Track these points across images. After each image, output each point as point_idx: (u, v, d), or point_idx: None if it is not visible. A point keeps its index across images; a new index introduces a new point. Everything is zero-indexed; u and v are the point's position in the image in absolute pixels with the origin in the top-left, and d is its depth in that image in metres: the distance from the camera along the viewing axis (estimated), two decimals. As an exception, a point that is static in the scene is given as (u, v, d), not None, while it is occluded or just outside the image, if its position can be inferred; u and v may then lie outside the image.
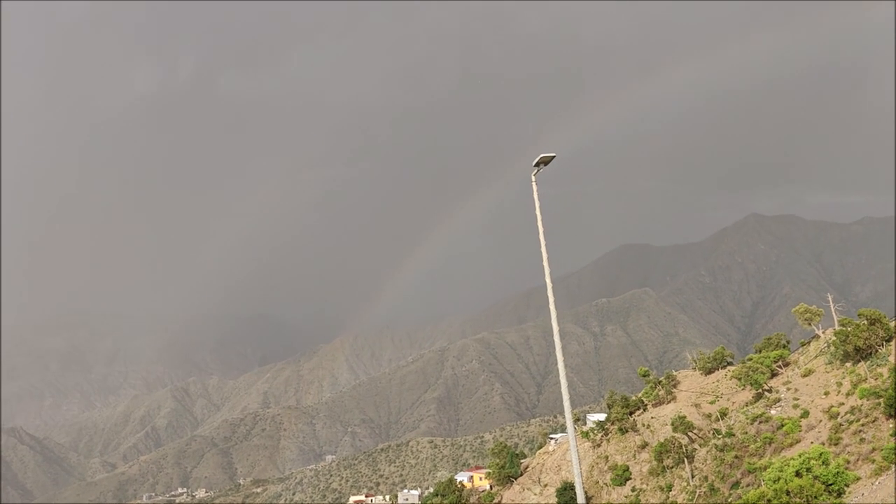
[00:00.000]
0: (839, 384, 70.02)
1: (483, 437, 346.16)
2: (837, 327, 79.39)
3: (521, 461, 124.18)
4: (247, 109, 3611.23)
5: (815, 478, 38.36)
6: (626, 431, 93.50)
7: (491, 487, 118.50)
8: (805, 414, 69.87)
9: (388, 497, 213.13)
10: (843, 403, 66.27)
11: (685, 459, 77.04)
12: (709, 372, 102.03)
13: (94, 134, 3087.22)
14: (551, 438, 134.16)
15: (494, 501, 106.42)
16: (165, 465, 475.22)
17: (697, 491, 72.00)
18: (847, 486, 39.91)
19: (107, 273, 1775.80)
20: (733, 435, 75.15)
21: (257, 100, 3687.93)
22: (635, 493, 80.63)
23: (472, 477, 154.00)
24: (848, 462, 55.26)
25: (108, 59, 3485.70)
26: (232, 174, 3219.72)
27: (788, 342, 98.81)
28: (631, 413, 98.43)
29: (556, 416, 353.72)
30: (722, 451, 73.74)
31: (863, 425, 59.45)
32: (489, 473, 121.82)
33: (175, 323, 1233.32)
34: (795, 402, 73.40)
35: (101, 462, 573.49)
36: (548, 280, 35.48)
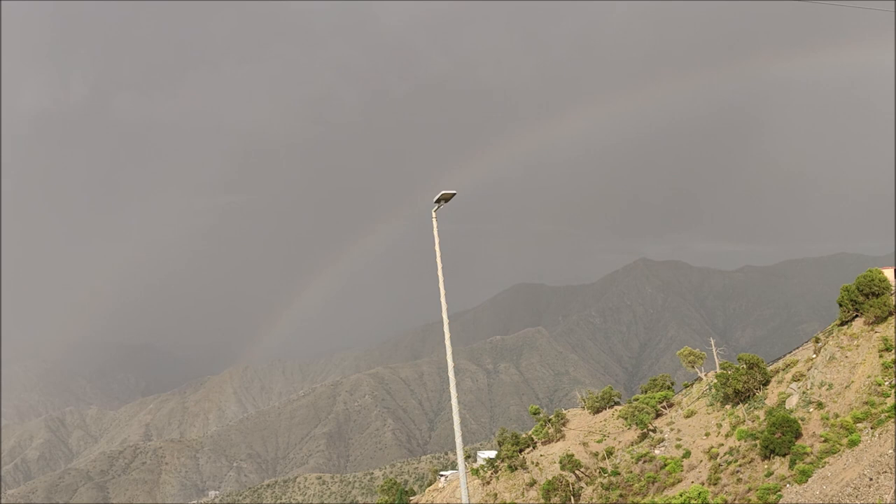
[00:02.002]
0: (719, 426, 72.63)
1: (373, 473, 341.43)
2: (719, 370, 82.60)
3: (410, 498, 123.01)
4: (141, 132, 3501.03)
5: (696, 517, 39.46)
6: (516, 469, 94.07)
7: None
8: (687, 454, 72.04)
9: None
10: (722, 444, 68.71)
11: (572, 497, 77.99)
12: (597, 411, 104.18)
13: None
14: (441, 475, 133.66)
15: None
16: (35, 500, 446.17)
17: (583, 529, 72.93)
18: (725, 525, 41.20)
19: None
20: (619, 473, 76.67)
21: (152, 122, 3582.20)
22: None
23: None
24: (726, 501, 57.16)
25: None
26: (121, 197, 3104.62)
27: (673, 383, 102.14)
28: (521, 451, 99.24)
29: (447, 453, 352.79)
30: (607, 489, 75.05)
31: (740, 466, 61.73)
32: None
33: (53, 349, 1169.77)
34: (678, 442, 75.64)
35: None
36: (444, 316, 35.46)
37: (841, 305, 66.31)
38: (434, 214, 35.46)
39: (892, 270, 66.73)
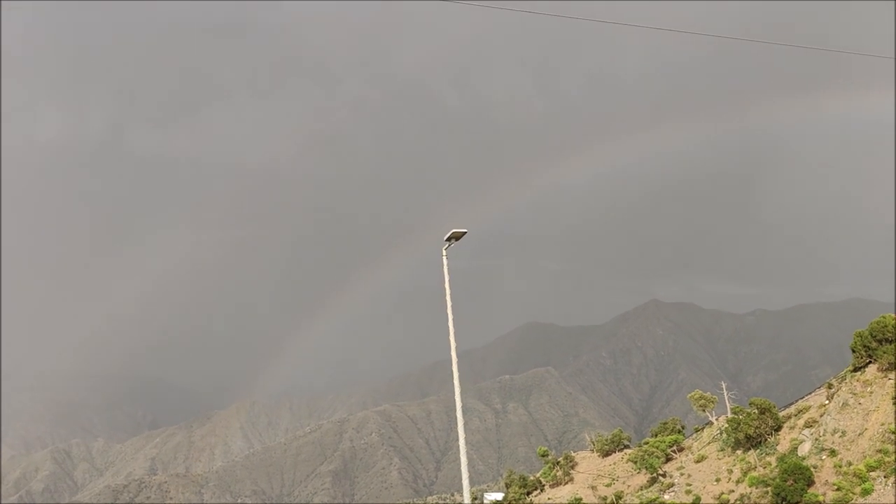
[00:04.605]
0: (730, 471, 71.63)
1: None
2: (730, 415, 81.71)
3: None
4: (155, 165, 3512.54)
5: (706, 565, 38.79)
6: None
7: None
8: (697, 500, 70.95)
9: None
10: (732, 490, 67.69)
11: (580, 542, 76.79)
12: (606, 454, 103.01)
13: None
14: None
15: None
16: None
17: (591, 575, 71.76)
18: (735, 574, 40.44)
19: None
20: (628, 519, 75.50)
21: (166, 155, 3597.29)
22: (529, 575, 79.83)
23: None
24: (736, 549, 56.14)
25: (9, 102, 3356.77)
26: (131, 231, 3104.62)
27: (683, 427, 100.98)
28: (528, 493, 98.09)
29: (453, 494, 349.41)
30: (616, 534, 73.90)
31: (751, 513, 60.73)
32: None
33: (62, 380, 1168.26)
34: (688, 487, 74.56)
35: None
36: (453, 354, 35.38)
37: (854, 351, 65.76)
38: (444, 252, 35.59)
39: (905, 316, 66.12)
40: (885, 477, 51.89)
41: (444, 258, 35.76)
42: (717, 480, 72.20)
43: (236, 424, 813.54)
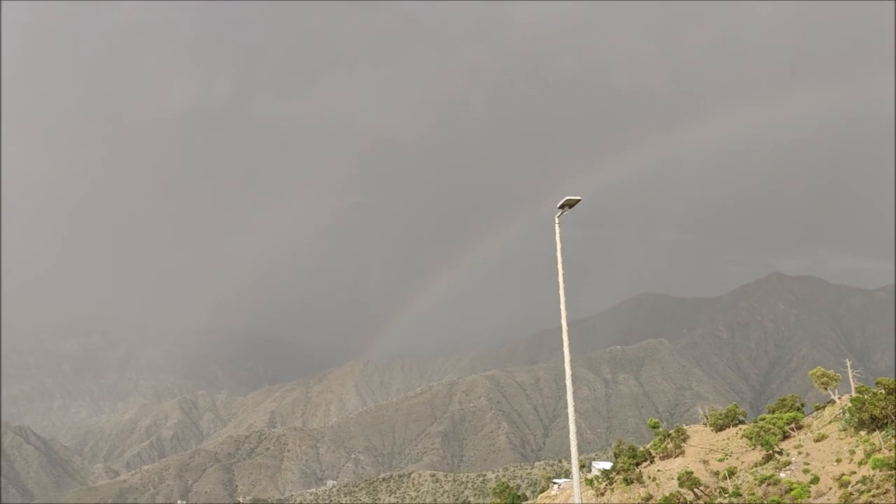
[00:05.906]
0: (852, 452, 68.82)
1: (486, 475, 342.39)
2: (854, 394, 78.27)
3: (523, 503, 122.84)
4: (278, 131, 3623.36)
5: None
6: (632, 482, 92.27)
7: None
8: (815, 480, 68.61)
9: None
10: (854, 472, 65.08)
11: (689, 516, 75.80)
12: (720, 429, 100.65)
13: (122, 142, 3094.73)
14: (554, 483, 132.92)
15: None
16: (167, 477, 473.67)
17: (700, 549, 70.79)
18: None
19: (127, 281, 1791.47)
20: (740, 495, 73.88)
21: (287, 122, 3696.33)
22: (636, 546, 79.41)
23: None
24: (856, 533, 54.17)
25: (146, 69, 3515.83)
26: (256, 195, 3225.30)
27: (803, 405, 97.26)
28: (637, 464, 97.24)
29: (560, 461, 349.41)
30: (727, 510, 72.54)
31: (874, 496, 58.29)
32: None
33: (190, 336, 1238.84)
34: (806, 466, 72.15)
35: (105, 468, 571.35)
36: (563, 323, 35.39)
37: None
38: (557, 220, 35.43)
39: None
40: None
41: (557, 226, 35.59)
42: (838, 461, 69.53)
43: (350, 383, 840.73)
